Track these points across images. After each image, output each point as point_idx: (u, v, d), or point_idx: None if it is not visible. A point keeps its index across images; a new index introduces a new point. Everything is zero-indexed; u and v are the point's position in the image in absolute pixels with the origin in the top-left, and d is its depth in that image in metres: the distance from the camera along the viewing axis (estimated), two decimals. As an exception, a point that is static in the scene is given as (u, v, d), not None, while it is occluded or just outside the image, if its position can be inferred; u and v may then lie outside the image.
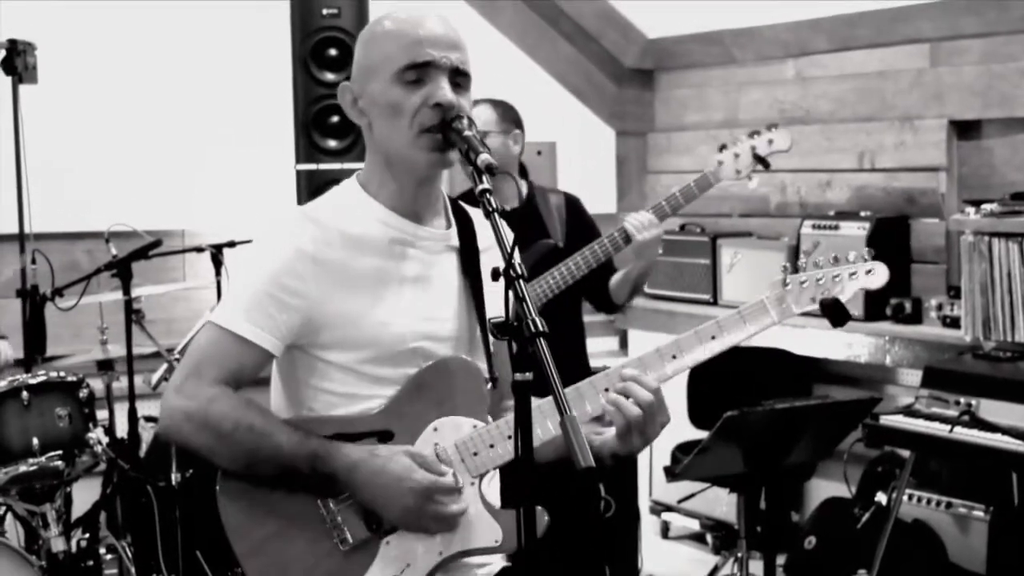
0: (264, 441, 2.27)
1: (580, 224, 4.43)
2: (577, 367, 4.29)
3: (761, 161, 4.24)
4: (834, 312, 2.47)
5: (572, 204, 4.49)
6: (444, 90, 2.29)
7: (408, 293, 2.37)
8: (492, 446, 2.35)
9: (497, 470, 2.39)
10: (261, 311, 2.29)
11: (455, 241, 2.44)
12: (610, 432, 2.39)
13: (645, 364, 2.38)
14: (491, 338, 2.37)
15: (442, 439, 2.36)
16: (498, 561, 2.47)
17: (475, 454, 2.36)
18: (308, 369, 2.37)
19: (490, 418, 2.42)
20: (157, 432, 2.36)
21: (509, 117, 4.40)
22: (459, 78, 2.33)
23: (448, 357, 2.39)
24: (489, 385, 2.45)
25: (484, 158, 2.16)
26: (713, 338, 2.40)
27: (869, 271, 2.50)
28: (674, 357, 2.39)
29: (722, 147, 4.27)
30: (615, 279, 4.34)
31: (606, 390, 2.35)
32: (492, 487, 2.42)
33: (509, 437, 2.32)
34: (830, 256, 2.51)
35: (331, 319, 2.31)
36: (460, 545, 2.34)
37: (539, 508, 2.28)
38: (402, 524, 2.30)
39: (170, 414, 2.31)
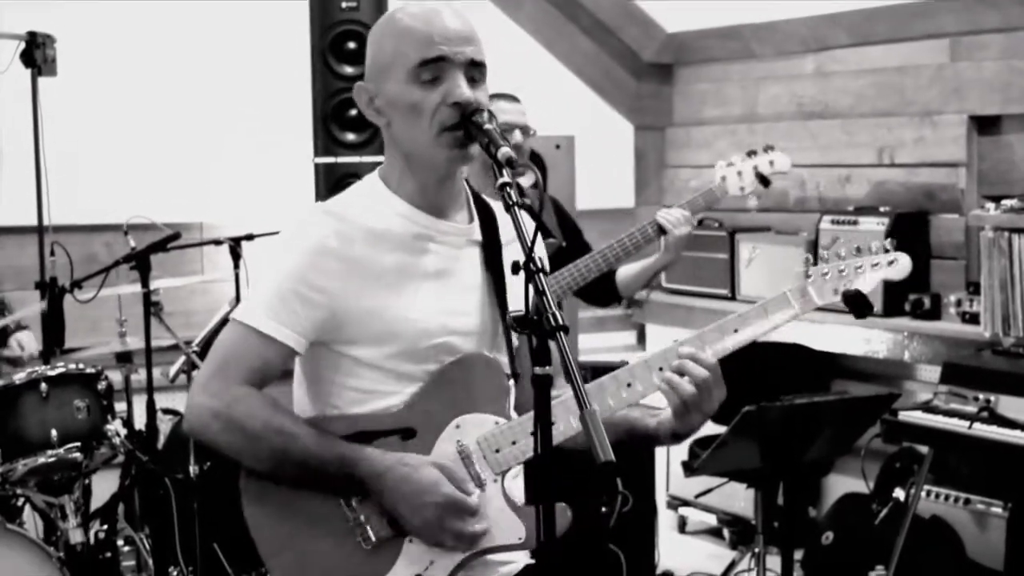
0: (291, 443, 2.26)
1: (567, 224, 4.43)
2: None
3: (763, 180, 4.21)
4: (856, 304, 2.42)
5: (557, 204, 4.50)
6: (461, 88, 2.26)
7: (432, 288, 2.34)
8: (514, 442, 2.33)
9: (521, 467, 2.37)
10: (285, 308, 2.28)
11: (478, 235, 2.41)
12: (666, 413, 2.37)
13: (704, 340, 2.36)
14: (513, 333, 2.34)
15: (464, 436, 2.34)
16: (522, 558, 2.44)
17: (497, 451, 2.34)
18: (332, 365, 2.35)
19: (514, 414, 2.40)
20: (184, 429, 2.33)
21: (523, 111, 4.38)
22: (474, 71, 2.30)
23: (469, 353, 2.37)
24: (511, 380, 2.44)
25: (504, 151, 2.14)
26: (736, 331, 2.38)
27: (892, 262, 2.44)
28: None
29: (727, 163, 4.24)
30: (630, 270, 4.32)
31: (660, 369, 2.33)
32: (515, 484, 2.40)
33: (532, 433, 2.27)
34: (852, 247, 2.46)
35: (355, 315, 2.30)
36: (483, 543, 2.33)
37: (562, 505, 2.25)
38: (421, 535, 2.29)
39: (197, 412, 2.30)
